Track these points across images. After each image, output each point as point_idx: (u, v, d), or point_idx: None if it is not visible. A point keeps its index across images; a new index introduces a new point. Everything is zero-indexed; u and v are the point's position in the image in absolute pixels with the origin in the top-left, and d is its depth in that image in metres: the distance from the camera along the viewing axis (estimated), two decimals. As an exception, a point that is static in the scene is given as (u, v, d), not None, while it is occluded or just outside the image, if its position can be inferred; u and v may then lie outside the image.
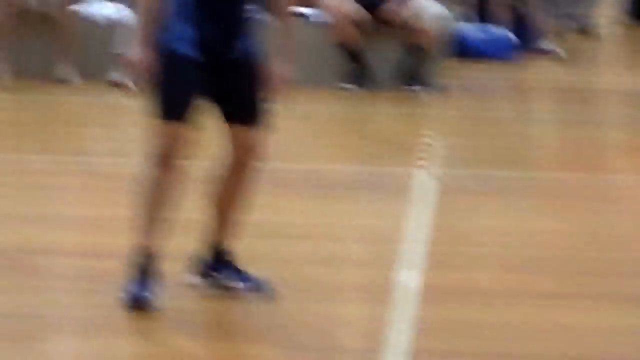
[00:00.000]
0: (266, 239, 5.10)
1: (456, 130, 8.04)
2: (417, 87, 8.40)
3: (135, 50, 4.22)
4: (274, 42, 4.34)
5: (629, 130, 8.39)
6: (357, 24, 8.24)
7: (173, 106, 4.20)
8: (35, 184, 6.40)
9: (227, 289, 4.31)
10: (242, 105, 4.29)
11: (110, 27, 8.60)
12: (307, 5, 8.81)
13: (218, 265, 4.27)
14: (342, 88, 8.47)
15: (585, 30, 10.91)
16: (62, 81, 8.52)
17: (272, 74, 4.27)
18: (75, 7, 8.85)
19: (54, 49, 8.71)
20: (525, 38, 9.96)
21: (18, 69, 8.72)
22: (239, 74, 4.31)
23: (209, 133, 4.42)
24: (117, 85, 8.25)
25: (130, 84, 7.16)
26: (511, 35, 9.91)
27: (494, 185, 6.74)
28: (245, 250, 4.42)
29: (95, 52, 8.64)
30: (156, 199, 4.28)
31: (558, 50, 9.95)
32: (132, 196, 4.42)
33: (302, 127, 7.96)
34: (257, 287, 4.25)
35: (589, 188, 6.64)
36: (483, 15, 10.50)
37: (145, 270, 4.06)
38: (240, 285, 4.29)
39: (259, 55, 4.33)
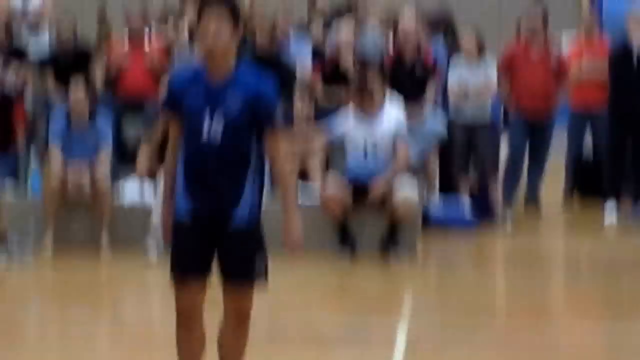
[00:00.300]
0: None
1: (426, 288, 9.49)
2: (395, 252, 9.58)
3: (162, 218, 4.83)
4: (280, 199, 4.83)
5: (569, 288, 9.86)
6: (343, 202, 9.58)
7: (180, 272, 4.60)
8: (73, 337, 7.12)
9: None
10: (233, 269, 4.63)
11: (144, 203, 9.65)
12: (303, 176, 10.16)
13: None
14: (333, 251, 9.64)
15: (534, 201, 12.34)
16: (99, 249, 9.54)
17: (285, 235, 4.67)
18: (111, 185, 9.95)
19: (92, 220, 9.73)
20: (484, 208, 11.26)
21: (60, 237, 9.75)
22: (236, 243, 4.65)
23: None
24: (150, 254, 9.28)
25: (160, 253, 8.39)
26: (471, 206, 11.22)
27: (460, 334, 7.54)
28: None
29: (130, 224, 9.65)
30: (183, 357, 4.74)
31: (510, 219, 11.36)
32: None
33: (297, 283, 8.91)
34: None
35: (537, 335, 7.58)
36: (445, 186, 11.64)
37: None
38: None
39: (257, 220, 4.68)
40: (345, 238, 9.84)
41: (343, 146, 10.06)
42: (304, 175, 10.26)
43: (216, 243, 4.68)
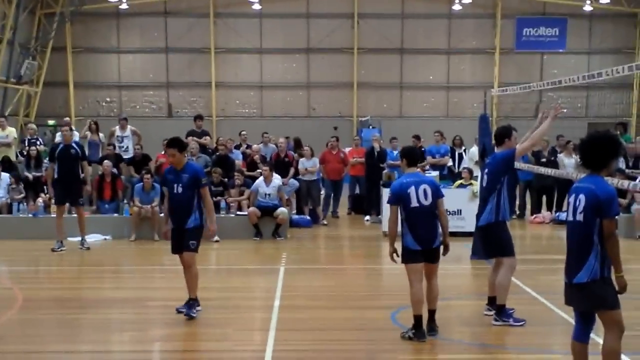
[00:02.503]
0: None
1: (293, 250, 17.71)
2: (278, 236, 19.02)
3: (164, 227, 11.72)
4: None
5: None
6: (256, 214, 20.95)
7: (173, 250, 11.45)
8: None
9: None
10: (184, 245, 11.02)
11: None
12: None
13: None
14: (251, 236, 19.47)
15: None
16: (153, 239, 18.20)
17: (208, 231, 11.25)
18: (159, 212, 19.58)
19: (151, 227, 19.06)
20: (314, 217, 22.48)
21: (138, 234, 19.83)
22: (187, 233, 11.04)
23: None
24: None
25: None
26: (309, 216, 22.16)
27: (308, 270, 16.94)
28: None
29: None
30: None
31: (326, 221, 22.46)
32: None
33: (241, 251, 18.78)
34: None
35: None
36: (300, 209, 22.53)
37: None
38: None
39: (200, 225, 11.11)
40: (258, 231, 19.37)
41: (257, 193, 19.46)
42: (240, 207, 20.64)
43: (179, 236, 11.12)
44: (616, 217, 7.12)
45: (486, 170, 11.00)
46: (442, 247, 10.18)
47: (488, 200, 10.72)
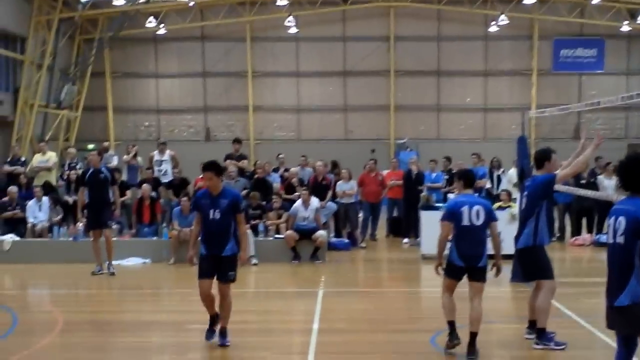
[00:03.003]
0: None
1: (332, 273, 17.82)
2: (316, 260, 18.99)
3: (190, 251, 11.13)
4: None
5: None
6: (294, 237, 20.80)
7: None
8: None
9: None
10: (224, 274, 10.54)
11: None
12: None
13: None
14: (289, 259, 19.93)
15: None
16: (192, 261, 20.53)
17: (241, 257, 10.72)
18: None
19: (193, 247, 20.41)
20: (353, 240, 22.17)
21: (177, 257, 19.90)
22: (225, 262, 10.50)
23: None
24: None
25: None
26: (347, 238, 22.12)
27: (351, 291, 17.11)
28: None
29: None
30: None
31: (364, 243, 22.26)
32: None
33: (280, 272, 18.99)
34: None
35: None
36: (338, 232, 22.48)
37: None
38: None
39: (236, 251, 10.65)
40: (296, 254, 19.45)
41: (295, 216, 19.50)
42: (278, 230, 20.29)
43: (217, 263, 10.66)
44: None
45: (525, 193, 10.92)
46: (494, 269, 10.35)
47: (526, 224, 10.66)
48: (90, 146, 39.34)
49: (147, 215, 20.68)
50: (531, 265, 10.71)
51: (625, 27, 40.72)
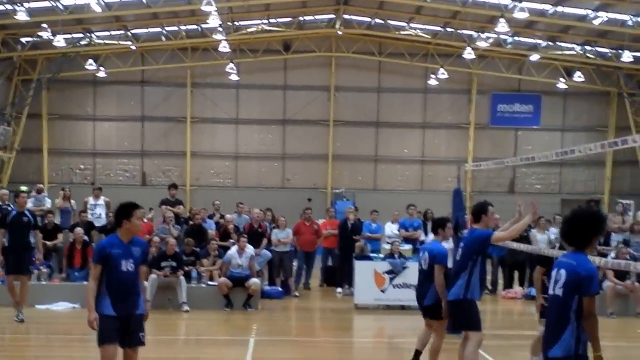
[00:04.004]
0: None
1: (264, 320, 18.37)
2: (249, 307, 18.76)
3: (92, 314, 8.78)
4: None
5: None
6: (227, 285, 20.72)
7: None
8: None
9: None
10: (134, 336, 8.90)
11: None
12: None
13: None
14: (222, 306, 20.23)
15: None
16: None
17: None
18: None
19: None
20: (286, 288, 22.16)
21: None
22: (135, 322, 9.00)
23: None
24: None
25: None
26: (281, 287, 22.06)
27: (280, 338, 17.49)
28: None
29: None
30: None
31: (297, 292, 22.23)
32: None
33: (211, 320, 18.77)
34: None
35: None
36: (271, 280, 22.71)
37: None
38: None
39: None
40: (229, 301, 19.24)
41: (229, 264, 19.50)
42: (212, 277, 20.62)
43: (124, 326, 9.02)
44: (596, 295, 7.08)
45: (461, 245, 11.02)
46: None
47: (459, 276, 10.73)
48: (24, 188, 38.91)
49: (78, 259, 20.34)
50: (460, 317, 10.78)
51: (562, 85, 41.51)
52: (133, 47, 39.76)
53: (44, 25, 34.54)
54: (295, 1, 38.26)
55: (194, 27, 39.38)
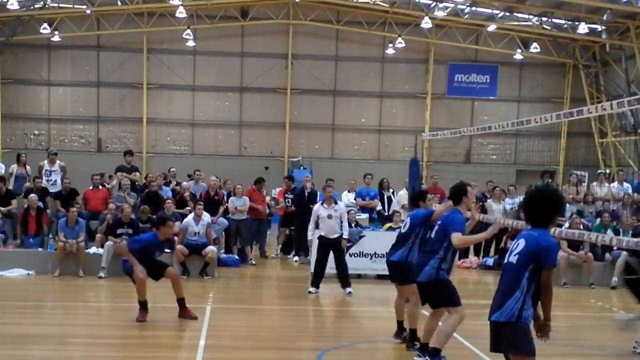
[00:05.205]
0: None
1: (221, 288, 18.60)
2: (206, 275, 19.15)
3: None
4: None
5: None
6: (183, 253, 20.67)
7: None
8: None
9: None
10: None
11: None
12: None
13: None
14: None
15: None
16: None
17: None
18: None
19: None
20: (244, 258, 22.22)
21: None
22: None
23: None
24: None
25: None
26: (238, 256, 22.20)
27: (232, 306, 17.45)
28: None
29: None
30: None
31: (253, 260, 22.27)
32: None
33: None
34: None
35: None
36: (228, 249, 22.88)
37: None
38: None
39: None
40: (185, 268, 19.00)
41: (186, 231, 20.56)
42: None
43: None
44: (554, 268, 7.16)
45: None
46: None
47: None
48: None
49: (33, 226, 20.15)
50: (437, 296, 10.82)
51: (518, 56, 41.74)
52: (88, 11, 39.28)
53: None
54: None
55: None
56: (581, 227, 19.45)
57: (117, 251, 17.38)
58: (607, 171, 33.24)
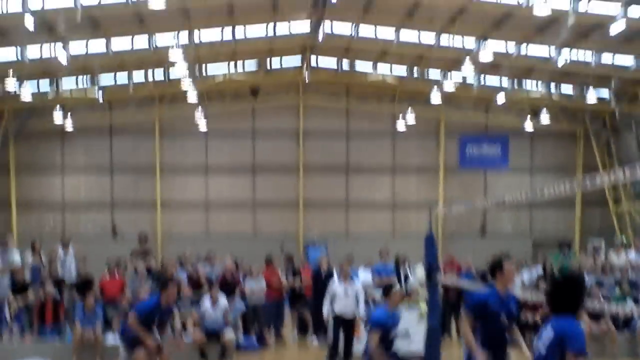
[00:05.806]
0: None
1: None
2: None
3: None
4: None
5: None
6: (203, 341, 20.42)
7: None
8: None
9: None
10: None
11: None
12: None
13: None
14: None
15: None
16: None
17: None
18: None
19: None
20: (262, 341, 21.76)
21: None
22: None
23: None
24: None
25: None
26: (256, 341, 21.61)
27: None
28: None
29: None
30: None
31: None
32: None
33: None
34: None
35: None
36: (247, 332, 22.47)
37: None
38: None
39: None
40: (203, 355, 19.13)
41: (204, 316, 20.03)
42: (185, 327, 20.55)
43: None
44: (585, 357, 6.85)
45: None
46: None
47: None
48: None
49: (50, 316, 19.97)
50: None
51: (529, 126, 41.81)
52: (100, 100, 39.64)
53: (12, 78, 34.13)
54: (263, 50, 38.50)
55: (161, 77, 39.47)
56: (601, 297, 19.25)
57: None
58: (624, 240, 33.00)
